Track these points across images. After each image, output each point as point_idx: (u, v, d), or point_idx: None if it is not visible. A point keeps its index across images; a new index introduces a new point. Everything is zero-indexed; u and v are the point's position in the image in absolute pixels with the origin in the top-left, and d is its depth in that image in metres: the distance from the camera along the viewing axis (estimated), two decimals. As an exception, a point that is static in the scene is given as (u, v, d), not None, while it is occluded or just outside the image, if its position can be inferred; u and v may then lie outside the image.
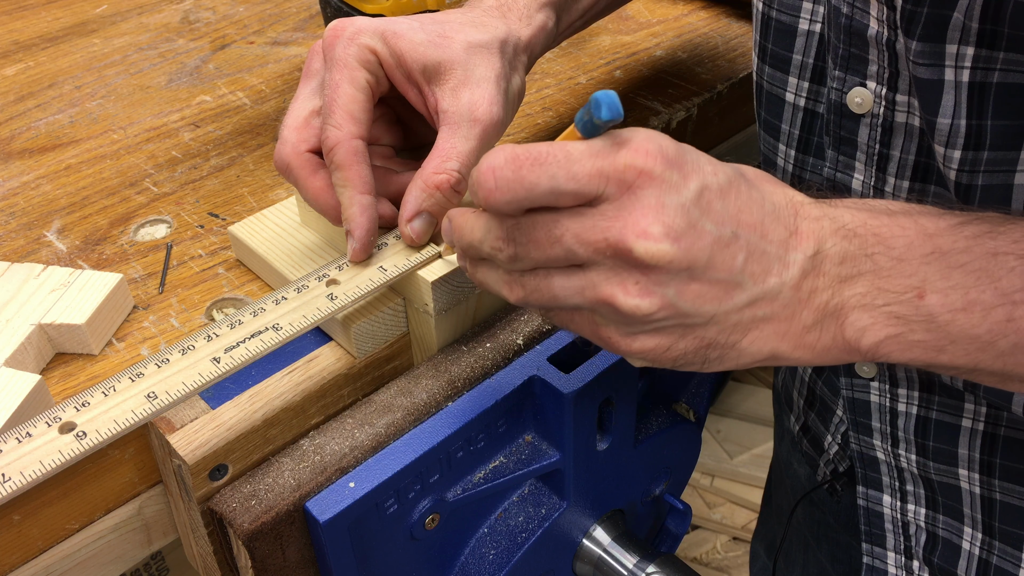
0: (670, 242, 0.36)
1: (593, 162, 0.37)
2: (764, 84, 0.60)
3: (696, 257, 0.37)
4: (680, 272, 0.37)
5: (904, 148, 0.52)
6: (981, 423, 0.57)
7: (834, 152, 0.55)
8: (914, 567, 0.65)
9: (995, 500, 0.58)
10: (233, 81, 0.82)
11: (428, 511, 0.51)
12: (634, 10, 0.91)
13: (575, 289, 0.39)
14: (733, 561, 1.69)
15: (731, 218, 0.38)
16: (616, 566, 0.62)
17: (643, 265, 0.37)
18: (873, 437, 0.63)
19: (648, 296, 0.37)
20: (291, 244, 0.58)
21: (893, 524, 0.65)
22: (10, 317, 0.52)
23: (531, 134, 0.73)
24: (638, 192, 0.37)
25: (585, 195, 0.37)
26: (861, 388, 0.62)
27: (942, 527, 0.62)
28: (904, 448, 0.61)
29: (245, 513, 0.46)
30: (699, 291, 0.38)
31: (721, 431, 1.82)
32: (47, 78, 0.83)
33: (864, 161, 0.54)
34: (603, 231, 0.37)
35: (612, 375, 0.54)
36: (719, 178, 0.38)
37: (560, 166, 0.37)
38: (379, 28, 0.52)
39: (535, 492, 0.58)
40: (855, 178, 0.55)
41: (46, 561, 0.49)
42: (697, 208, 0.37)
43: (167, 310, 0.57)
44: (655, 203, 0.36)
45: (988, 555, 0.60)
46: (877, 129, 0.52)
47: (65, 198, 0.67)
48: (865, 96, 0.52)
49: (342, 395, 0.53)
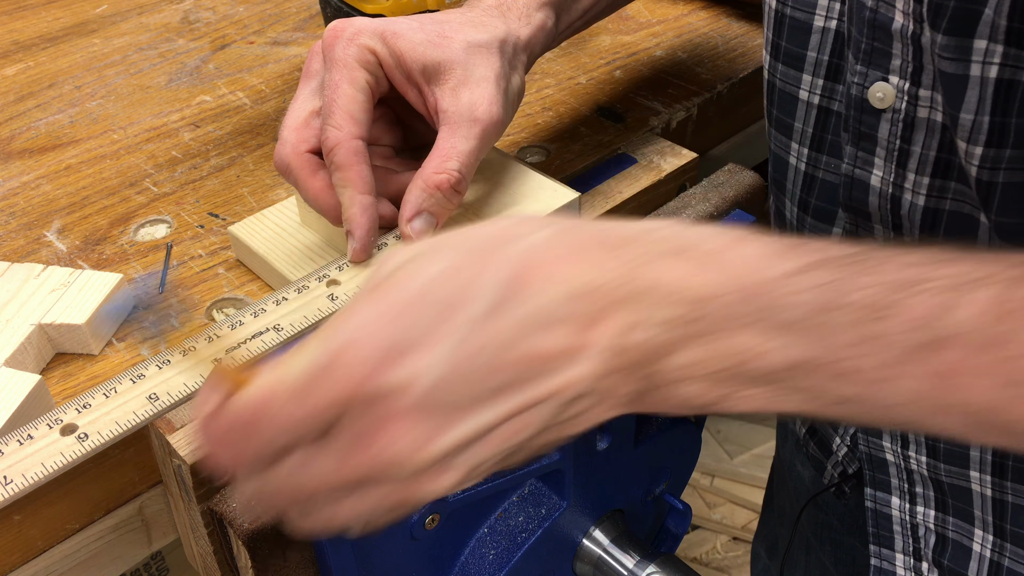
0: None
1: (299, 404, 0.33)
2: (776, 82, 0.60)
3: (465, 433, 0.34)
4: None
5: (925, 144, 0.51)
6: None
7: (853, 148, 0.54)
8: (923, 569, 0.65)
9: (1007, 502, 0.58)
10: (233, 81, 0.82)
11: (428, 511, 0.51)
12: (634, 10, 0.91)
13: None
14: (733, 561, 1.69)
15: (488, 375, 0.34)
16: (616, 566, 0.62)
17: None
18: (883, 439, 0.63)
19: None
20: (291, 244, 0.58)
21: (902, 526, 0.65)
22: (10, 317, 0.52)
23: (531, 134, 0.73)
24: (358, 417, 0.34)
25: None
26: None
27: (952, 529, 0.62)
28: (914, 450, 0.61)
29: (245, 513, 0.46)
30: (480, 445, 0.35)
31: (721, 431, 1.82)
32: (47, 78, 0.83)
33: (884, 157, 0.53)
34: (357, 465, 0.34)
35: (612, 375, 0.54)
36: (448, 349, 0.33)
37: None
38: (378, 28, 0.52)
39: (535, 492, 0.58)
40: (874, 174, 0.54)
41: (46, 561, 0.49)
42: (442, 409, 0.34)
43: (167, 310, 0.57)
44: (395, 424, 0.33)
45: (999, 557, 0.60)
46: (898, 125, 0.51)
47: (65, 198, 0.67)
48: (887, 91, 0.51)
49: (342, 395, 0.53)
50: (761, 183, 0.67)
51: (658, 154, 0.70)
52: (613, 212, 0.65)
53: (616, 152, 0.71)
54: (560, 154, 0.70)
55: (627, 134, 0.72)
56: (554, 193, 0.57)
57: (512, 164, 0.59)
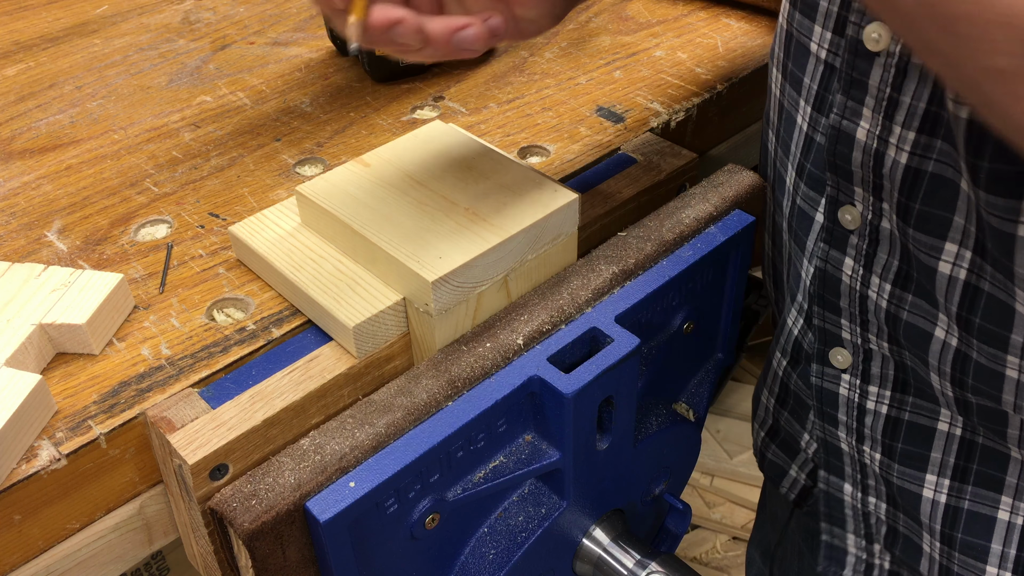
0: None
1: None
2: (793, 32, 0.59)
3: None
4: None
5: (916, 94, 0.50)
6: (959, 428, 0.56)
7: (843, 97, 0.54)
8: (875, 551, 0.64)
9: (961, 509, 0.58)
10: (233, 81, 0.82)
11: (428, 511, 0.52)
12: (634, 10, 0.91)
13: None
14: (733, 561, 1.69)
15: None
16: (616, 566, 0.62)
17: None
18: (838, 429, 0.62)
19: None
20: (291, 244, 0.58)
21: (854, 512, 0.64)
22: (11, 317, 0.52)
23: (532, 134, 0.73)
24: None
25: None
26: (831, 379, 0.61)
27: (902, 526, 0.61)
28: (869, 446, 0.61)
29: (245, 513, 0.46)
30: None
31: (721, 431, 1.82)
32: (48, 78, 0.83)
33: (872, 107, 0.52)
34: None
35: (612, 375, 0.54)
36: None
37: None
38: None
39: (535, 492, 0.58)
40: (860, 126, 0.53)
41: (46, 561, 0.49)
42: None
43: (168, 310, 0.57)
44: None
45: (949, 563, 0.60)
46: (891, 71, 0.51)
47: (66, 198, 0.67)
48: (883, 32, 0.50)
49: (342, 395, 0.53)
50: (761, 183, 0.67)
51: (658, 154, 0.70)
52: (613, 212, 0.65)
53: (616, 152, 0.71)
54: (560, 154, 0.70)
55: (627, 134, 0.72)
56: (554, 193, 0.57)
57: (512, 164, 0.60)
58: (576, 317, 0.57)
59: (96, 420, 0.49)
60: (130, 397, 0.51)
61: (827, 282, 0.59)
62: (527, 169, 0.59)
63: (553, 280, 0.59)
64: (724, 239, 0.62)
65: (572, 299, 0.57)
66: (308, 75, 0.83)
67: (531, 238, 0.56)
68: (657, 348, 0.63)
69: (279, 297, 0.58)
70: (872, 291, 0.57)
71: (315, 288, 0.55)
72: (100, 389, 0.51)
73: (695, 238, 0.63)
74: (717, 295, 0.67)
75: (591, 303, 0.58)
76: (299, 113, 0.77)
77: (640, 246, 0.61)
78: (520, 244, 0.55)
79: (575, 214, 0.58)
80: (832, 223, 0.57)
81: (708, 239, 0.62)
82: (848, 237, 0.57)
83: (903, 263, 0.55)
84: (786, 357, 0.68)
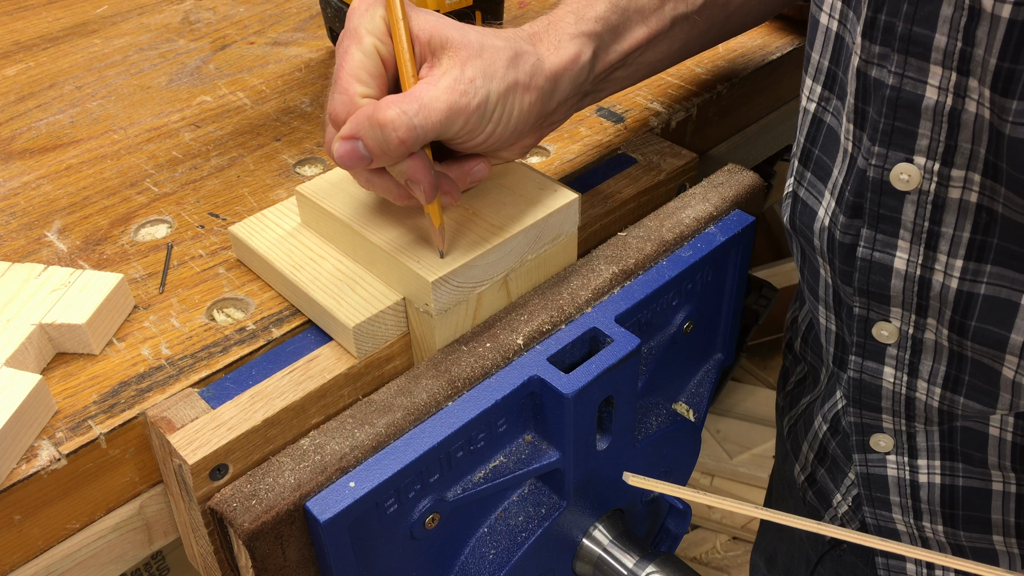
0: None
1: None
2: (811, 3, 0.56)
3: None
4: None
5: (958, 225, 0.48)
6: (1013, 486, 0.55)
7: (870, 231, 0.51)
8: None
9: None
10: (233, 81, 0.82)
11: (428, 511, 0.52)
12: (634, 10, 0.91)
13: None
14: (733, 561, 1.69)
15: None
16: (616, 566, 0.62)
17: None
18: (892, 511, 0.60)
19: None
20: (291, 244, 0.58)
21: (916, 564, 0.63)
22: (11, 317, 0.52)
23: (531, 134, 0.73)
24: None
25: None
26: (876, 463, 0.59)
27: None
28: (929, 519, 0.59)
29: (245, 513, 0.46)
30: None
31: (721, 431, 1.82)
32: (48, 78, 0.83)
33: (910, 240, 0.49)
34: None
35: (612, 375, 0.54)
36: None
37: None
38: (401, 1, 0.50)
39: (535, 492, 0.58)
40: (898, 256, 0.50)
41: (46, 561, 0.49)
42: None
43: (168, 310, 0.57)
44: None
45: None
46: (927, 207, 0.48)
47: (66, 198, 0.67)
48: (912, 172, 0.47)
49: (342, 395, 0.53)
50: (761, 183, 0.67)
51: (658, 154, 0.70)
52: (613, 212, 0.65)
53: (616, 152, 0.71)
54: (560, 154, 0.70)
55: (627, 134, 0.72)
56: (554, 193, 0.57)
57: (512, 164, 0.60)
58: (576, 317, 0.57)
59: (96, 420, 0.49)
60: (130, 397, 0.51)
61: (865, 389, 0.58)
62: (527, 169, 0.59)
63: (553, 280, 0.59)
64: (724, 239, 0.62)
65: (572, 299, 0.57)
66: (308, 75, 0.83)
67: (531, 238, 0.56)
68: (657, 348, 0.63)
69: (279, 297, 0.58)
70: (920, 394, 0.55)
71: (315, 288, 0.55)
72: (100, 389, 0.51)
73: (695, 238, 0.63)
74: (717, 295, 0.67)
75: (591, 303, 0.58)
76: (299, 113, 0.77)
77: (640, 246, 0.61)
78: (520, 244, 0.55)
79: (575, 214, 0.58)
80: (864, 338, 0.56)
81: (708, 239, 0.62)
82: (885, 349, 0.55)
83: (951, 368, 0.53)
84: (826, 423, 0.67)
